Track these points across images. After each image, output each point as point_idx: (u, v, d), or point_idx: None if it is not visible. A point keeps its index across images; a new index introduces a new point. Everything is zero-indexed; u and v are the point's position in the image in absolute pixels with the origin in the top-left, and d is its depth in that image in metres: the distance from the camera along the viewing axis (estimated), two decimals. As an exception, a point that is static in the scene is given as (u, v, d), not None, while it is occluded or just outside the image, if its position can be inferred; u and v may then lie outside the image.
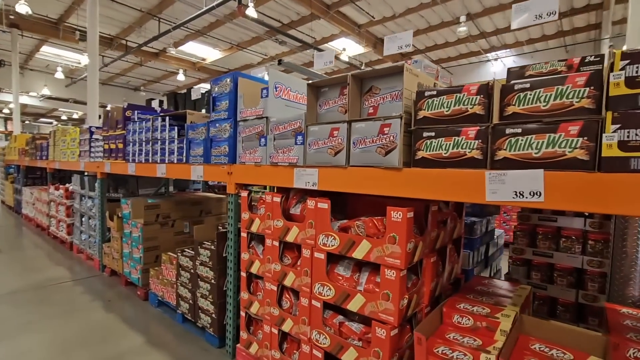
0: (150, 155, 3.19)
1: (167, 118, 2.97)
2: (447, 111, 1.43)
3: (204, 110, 5.37)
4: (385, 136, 1.55)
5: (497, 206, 3.54)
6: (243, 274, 2.33)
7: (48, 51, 15.99)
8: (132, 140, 3.46)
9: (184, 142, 2.78)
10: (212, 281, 2.49)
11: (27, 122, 30.68)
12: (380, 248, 1.56)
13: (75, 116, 29.36)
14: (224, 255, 2.49)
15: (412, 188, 1.51)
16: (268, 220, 2.13)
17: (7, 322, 2.95)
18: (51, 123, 33.40)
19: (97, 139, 4.23)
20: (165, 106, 5.59)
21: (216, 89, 2.48)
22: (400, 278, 1.50)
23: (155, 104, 4.26)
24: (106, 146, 3.95)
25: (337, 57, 13.40)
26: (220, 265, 2.48)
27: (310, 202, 1.86)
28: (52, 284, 3.84)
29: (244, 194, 2.30)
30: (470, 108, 1.37)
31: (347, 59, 13.68)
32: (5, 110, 26.67)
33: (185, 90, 7.23)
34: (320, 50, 12.72)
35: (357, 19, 12.27)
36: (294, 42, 13.94)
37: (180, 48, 14.59)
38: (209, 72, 18.12)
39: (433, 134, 1.46)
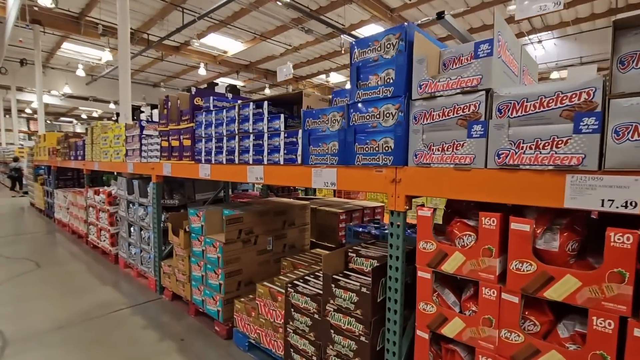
0: (236, 154, 2.34)
1: (267, 103, 2.10)
2: None
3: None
4: None
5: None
6: (423, 334, 1.48)
7: (69, 48, 15.26)
8: (205, 135, 2.61)
9: (297, 135, 1.92)
10: (362, 338, 1.65)
11: (48, 121, 30.25)
12: None
13: (95, 114, 28.82)
14: (378, 300, 1.64)
15: None
16: (487, 258, 1.27)
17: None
18: (71, 122, 32.95)
19: (149, 135, 3.40)
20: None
21: (367, 53, 1.59)
22: None
23: (221, 89, 3.39)
24: (164, 143, 3.11)
25: (369, 44, 12.30)
26: (377, 316, 1.63)
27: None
28: (104, 313, 3.05)
29: (426, 212, 1.44)
30: None
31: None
32: (28, 110, 26.22)
33: (205, 85, 6.39)
34: (354, 37, 11.73)
35: (391, 2, 11.22)
36: (319, 31, 13.00)
37: (202, 40, 13.71)
38: (230, 65, 17.23)
39: None
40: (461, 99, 1.32)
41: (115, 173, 6.67)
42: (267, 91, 19.65)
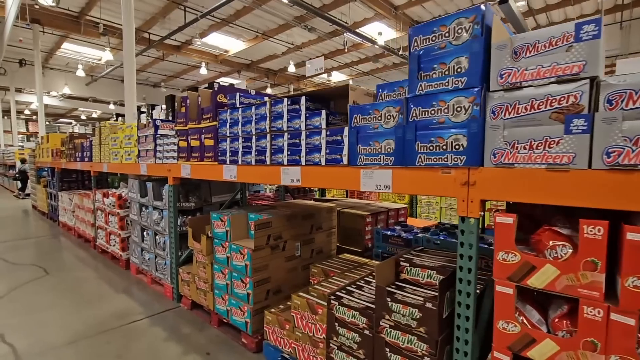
0: (267, 154, 2.14)
1: (304, 99, 1.91)
2: None
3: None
4: None
5: None
6: (503, 357, 1.30)
7: (68, 48, 14.97)
8: (230, 134, 2.42)
9: (342, 133, 1.73)
10: (426, 359, 1.47)
11: (47, 122, 29.89)
12: None
13: (94, 115, 28.48)
14: (444, 316, 1.46)
15: None
16: (590, 272, 1.09)
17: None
18: (70, 123, 32.56)
19: (164, 135, 3.20)
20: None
21: (431, 40, 1.41)
22: None
23: (241, 85, 3.18)
24: (182, 143, 2.91)
25: (372, 42, 12.19)
26: (443, 334, 1.45)
27: None
28: (121, 323, 2.85)
29: (506, 219, 1.26)
30: None
31: (382, 44, 12.45)
32: (26, 112, 25.84)
33: (206, 85, 6.18)
34: (358, 35, 11.55)
35: (395, -1, 11.03)
36: (322, 30, 12.80)
37: (204, 40, 13.46)
38: (231, 64, 17.01)
39: None
40: (556, 89, 1.14)
41: (118, 175, 6.46)
42: (269, 90, 19.42)
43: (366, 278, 2.08)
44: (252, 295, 2.37)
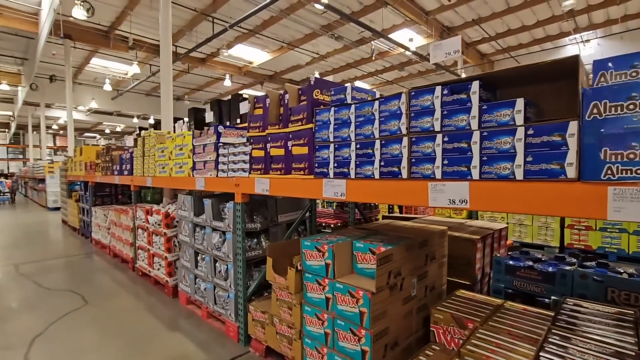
0: (403, 164, 1.54)
1: (478, 84, 1.30)
2: None
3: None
4: None
5: None
6: None
7: (97, 63, 14.94)
8: (335, 139, 1.83)
9: (564, 131, 1.12)
10: None
11: (74, 136, 30.31)
12: None
13: (118, 129, 28.69)
14: None
15: None
16: None
17: None
18: (95, 137, 32.91)
19: (229, 144, 2.64)
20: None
21: None
22: None
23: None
24: (257, 153, 2.33)
25: (405, 48, 11.67)
26: None
27: None
28: (184, 376, 2.25)
29: None
30: None
31: (414, 49, 11.89)
32: (54, 127, 26.18)
33: (229, 97, 5.69)
34: (391, 41, 11.03)
35: (426, 4, 10.50)
36: (349, 38, 12.36)
37: (229, 51, 13.18)
38: (254, 76, 16.72)
39: None
40: None
41: (151, 188, 5.97)
42: (291, 101, 19.01)
43: (554, 341, 1.42)
44: (370, 354, 1.73)
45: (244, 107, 3.04)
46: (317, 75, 15.40)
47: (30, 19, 10.73)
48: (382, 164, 1.62)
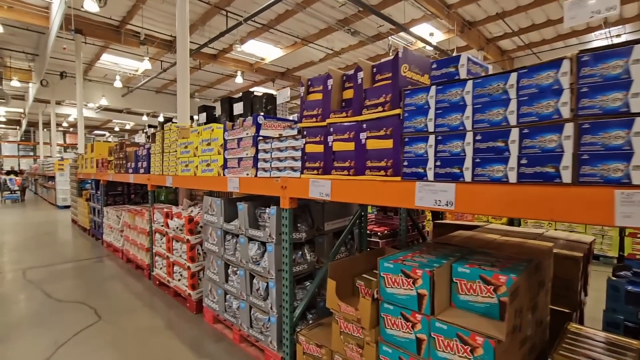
0: (562, 161, 1.05)
1: None
2: None
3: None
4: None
5: None
6: None
7: (107, 60, 14.58)
8: (437, 129, 1.34)
9: None
10: None
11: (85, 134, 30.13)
12: None
13: (127, 127, 28.44)
14: None
15: None
16: None
17: None
18: (104, 135, 32.70)
19: (272, 138, 2.16)
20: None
21: None
22: None
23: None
24: (313, 148, 1.85)
25: (427, 42, 11.14)
26: None
27: None
28: None
29: None
30: None
31: (435, 44, 11.35)
32: (64, 124, 25.98)
33: (240, 94, 5.25)
34: (410, 33, 10.49)
35: (449, -4, 9.95)
36: (366, 33, 11.84)
37: (241, 48, 12.73)
38: (266, 72, 16.27)
39: None
40: None
41: (164, 187, 5.52)
42: (302, 99, 18.53)
43: None
44: (491, 423, 1.25)
45: (282, 96, 2.56)
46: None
47: (41, 13, 10.37)
48: (524, 162, 1.12)
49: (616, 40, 11.05)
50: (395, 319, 1.52)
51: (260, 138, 2.26)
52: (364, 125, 1.61)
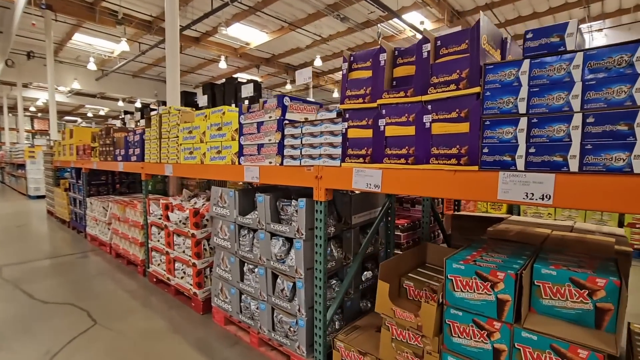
0: None
1: None
2: None
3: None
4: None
5: None
6: None
7: (80, 40, 13.45)
8: (530, 109, 1.13)
9: None
10: None
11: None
12: None
13: (102, 113, 26.82)
14: None
15: None
16: None
17: None
18: (75, 121, 30.70)
19: (299, 122, 1.89)
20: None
21: None
22: None
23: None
24: (357, 132, 1.60)
25: (418, 30, 10.98)
26: None
27: None
28: None
29: None
30: None
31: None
32: (32, 109, 24.11)
33: (224, 80, 4.94)
34: (402, 20, 10.27)
35: (442, -15, 9.78)
36: (355, 19, 11.51)
37: (226, 31, 12.07)
38: (251, 58, 15.60)
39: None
40: None
41: (158, 176, 5.12)
42: (289, 87, 18.08)
43: None
44: None
45: (301, 77, 2.28)
46: (318, 59, 14.43)
47: (5, -16, 9.34)
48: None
49: (596, 35, 11.31)
50: (465, 326, 1.34)
51: (287, 122, 1.99)
52: (429, 107, 1.38)
